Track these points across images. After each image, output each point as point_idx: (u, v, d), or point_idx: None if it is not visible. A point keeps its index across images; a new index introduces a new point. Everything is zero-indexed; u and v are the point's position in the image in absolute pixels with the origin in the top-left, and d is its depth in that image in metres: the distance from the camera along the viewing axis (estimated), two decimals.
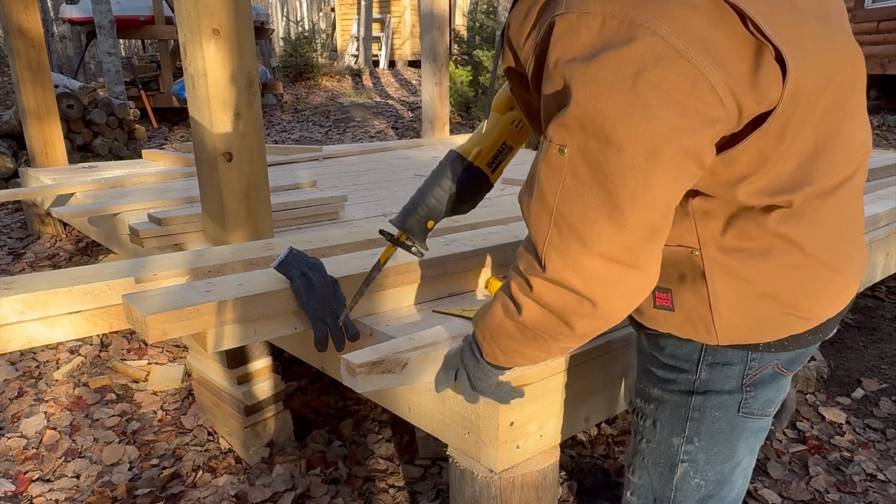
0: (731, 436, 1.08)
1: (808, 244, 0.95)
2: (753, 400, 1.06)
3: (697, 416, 1.08)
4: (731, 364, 1.04)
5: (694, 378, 1.07)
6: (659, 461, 1.14)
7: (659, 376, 1.11)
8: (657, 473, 1.15)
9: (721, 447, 1.09)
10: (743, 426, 1.08)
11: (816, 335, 1.05)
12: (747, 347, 1.02)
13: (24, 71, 4.24)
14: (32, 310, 1.54)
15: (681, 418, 1.09)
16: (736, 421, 1.07)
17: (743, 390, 1.05)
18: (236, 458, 2.31)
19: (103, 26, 7.86)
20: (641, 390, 1.16)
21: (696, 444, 1.09)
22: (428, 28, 5.66)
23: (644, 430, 1.15)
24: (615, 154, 0.79)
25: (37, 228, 4.54)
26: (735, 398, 1.06)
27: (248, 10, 2.05)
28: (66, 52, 14.93)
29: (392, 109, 10.41)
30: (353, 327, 1.57)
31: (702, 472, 1.11)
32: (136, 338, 3.17)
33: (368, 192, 3.58)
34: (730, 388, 1.05)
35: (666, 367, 1.10)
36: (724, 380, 1.05)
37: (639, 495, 1.20)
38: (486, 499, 1.42)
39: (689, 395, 1.07)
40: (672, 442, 1.11)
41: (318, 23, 20.01)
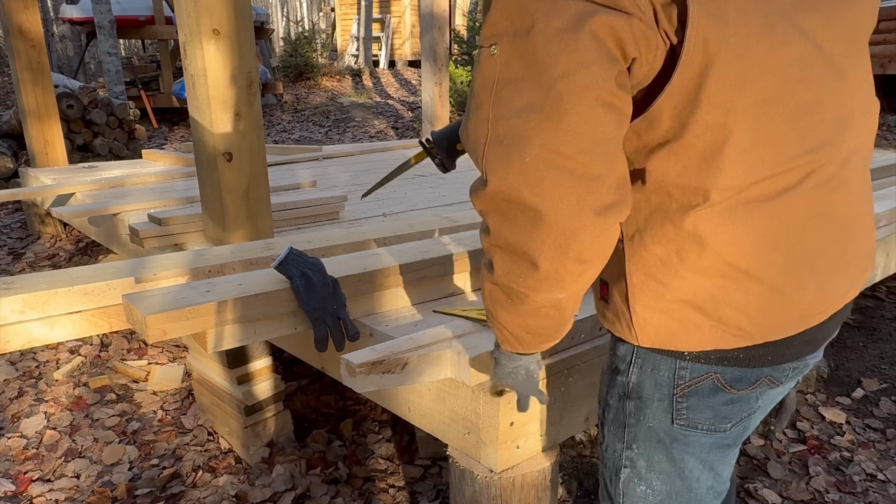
0: (670, 447, 1.01)
1: (730, 252, 0.87)
2: (690, 412, 0.98)
3: (633, 422, 1.03)
4: (658, 369, 0.98)
5: (627, 381, 1.02)
6: (608, 464, 1.11)
7: (606, 378, 1.08)
8: (608, 477, 1.12)
9: (661, 457, 1.03)
10: (685, 439, 1.00)
11: (765, 357, 0.95)
12: (673, 354, 0.96)
13: (24, 71, 4.24)
14: (32, 310, 1.54)
15: (620, 423, 1.05)
16: (674, 432, 1.00)
17: (674, 400, 0.98)
18: (236, 458, 2.31)
19: (103, 26, 7.86)
20: (600, 385, 1.12)
21: (636, 450, 1.04)
22: (428, 28, 5.66)
23: (600, 431, 1.13)
24: (541, 33, 0.77)
25: (37, 228, 4.54)
26: (665, 407, 0.99)
27: (248, 10, 2.05)
28: (66, 52, 14.93)
29: (392, 109, 10.41)
30: (353, 327, 1.57)
31: (645, 479, 1.05)
32: (136, 338, 3.17)
33: None
34: (660, 396, 0.99)
35: (610, 368, 1.07)
36: (654, 386, 0.99)
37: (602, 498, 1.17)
38: (486, 499, 1.42)
39: (625, 399, 1.03)
40: (616, 446, 1.07)
41: (318, 23, 20.01)
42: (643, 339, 0.96)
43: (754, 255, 0.88)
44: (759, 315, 0.90)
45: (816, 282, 0.92)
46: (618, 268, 0.96)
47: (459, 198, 3.38)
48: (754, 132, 0.83)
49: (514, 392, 1.29)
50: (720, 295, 0.90)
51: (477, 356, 1.29)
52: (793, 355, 0.97)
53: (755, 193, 0.86)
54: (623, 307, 0.97)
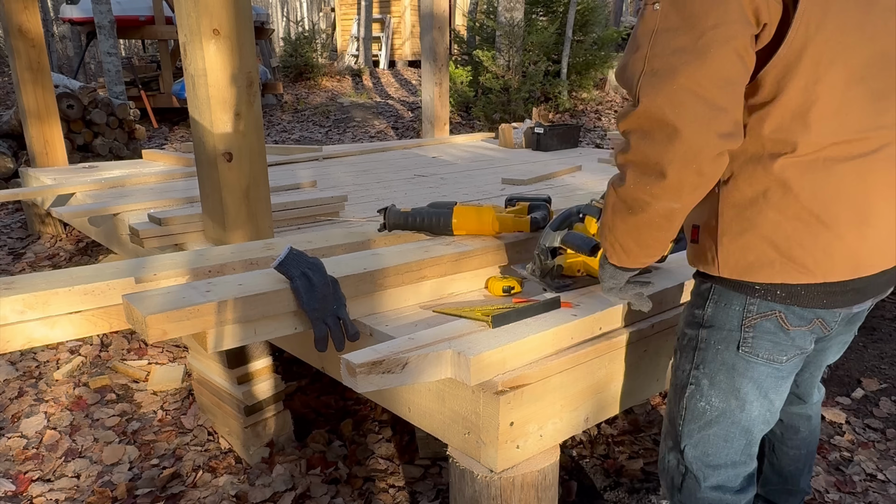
0: (732, 371, 1.24)
1: (807, 198, 1.07)
2: (754, 342, 1.20)
3: (703, 347, 1.27)
4: (731, 304, 1.21)
5: (703, 313, 1.26)
6: (676, 384, 1.35)
7: (686, 312, 1.33)
8: (674, 395, 1.36)
9: (722, 378, 1.26)
10: (746, 365, 1.23)
11: (821, 299, 1.14)
12: (745, 290, 1.17)
13: (24, 71, 4.24)
14: (33, 310, 1.54)
15: (692, 347, 1.29)
16: (737, 359, 1.23)
17: (742, 330, 1.21)
18: (236, 457, 2.31)
19: (103, 26, 7.86)
20: (679, 322, 1.37)
21: (701, 370, 1.28)
22: (428, 28, 5.66)
23: (674, 356, 1.38)
24: None
25: (37, 228, 4.54)
26: (734, 336, 1.22)
27: (248, 10, 2.05)
28: (66, 52, 14.93)
29: (392, 109, 10.41)
30: (353, 327, 1.57)
31: (705, 396, 1.29)
32: (137, 338, 3.17)
33: (368, 192, 3.58)
34: (730, 326, 1.22)
35: (691, 304, 1.31)
36: (726, 318, 1.22)
37: (667, 414, 1.42)
38: (486, 499, 1.43)
39: (699, 328, 1.27)
40: (685, 367, 1.32)
41: (318, 23, 20.00)
42: (724, 269, 1.17)
43: (827, 205, 1.08)
44: (822, 257, 1.10)
45: (875, 239, 1.11)
46: (711, 208, 1.17)
47: (460, 198, 3.38)
48: (838, 102, 1.04)
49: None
50: (794, 235, 1.10)
51: (477, 356, 1.29)
52: (844, 301, 1.16)
53: (834, 153, 1.06)
54: (710, 243, 1.19)
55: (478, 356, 1.29)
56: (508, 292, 1.85)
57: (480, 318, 1.47)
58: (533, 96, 8.72)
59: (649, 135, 1.05)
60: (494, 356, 1.33)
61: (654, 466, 2.22)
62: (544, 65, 8.87)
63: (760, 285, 1.15)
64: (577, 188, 3.69)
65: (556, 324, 1.45)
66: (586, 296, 1.63)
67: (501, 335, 1.39)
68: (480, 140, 6.03)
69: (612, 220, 1.20)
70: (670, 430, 1.39)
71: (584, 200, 2.17)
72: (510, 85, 8.34)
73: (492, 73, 8.51)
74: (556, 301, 1.54)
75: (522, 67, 8.66)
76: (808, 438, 1.62)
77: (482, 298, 1.87)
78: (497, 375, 1.34)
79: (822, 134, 1.05)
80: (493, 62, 8.52)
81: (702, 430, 1.32)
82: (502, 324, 1.44)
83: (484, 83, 8.60)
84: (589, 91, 9.93)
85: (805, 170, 1.07)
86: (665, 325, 1.70)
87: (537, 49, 8.81)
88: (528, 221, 2.00)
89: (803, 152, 1.06)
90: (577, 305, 1.56)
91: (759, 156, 1.09)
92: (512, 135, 5.51)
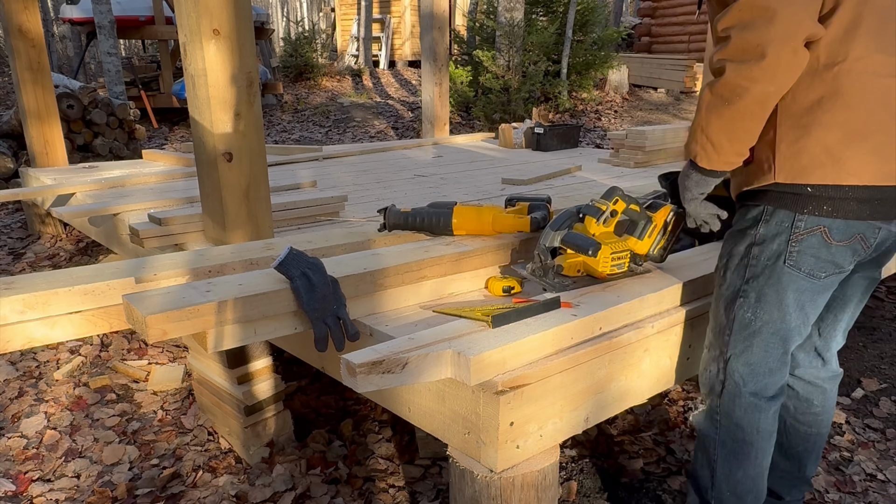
0: (778, 283, 1.40)
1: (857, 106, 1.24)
2: (798, 256, 1.36)
3: (754, 263, 1.42)
4: (781, 222, 1.36)
5: (755, 233, 1.41)
6: (725, 298, 1.51)
7: (734, 235, 1.47)
8: (723, 308, 1.52)
9: (768, 290, 1.42)
10: (790, 278, 1.39)
11: (867, 208, 1.29)
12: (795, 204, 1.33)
13: (24, 71, 4.24)
14: (33, 310, 1.54)
15: (743, 265, 1.45)
16: (783, 272, 1.39)
17: (789, 245, 1.36)
18: (236, 457, 2.31)
19: (103, 26, 7.86)
20: (722, 253, 1.53)
21: (751, 284, 1.44)
22: (428, 28, 5.66)
23: (719, 280, 1.53)
24: None
25: (37, 228, 4.54)
26: (781, 251, 1.38)
27: (248, 10, 2.05)
28: (67, 52, 14.93)
29: (392, 109, 10.41)
30: (353, 327, 1.57)
31: (752, 307, 1.45)
32: (137, 338, 3.17)
33: (368, 192, 3.58)
34: (779, 241, 1.37)
35: (740, 228, 1.46)
36: (776, 235, 1.38)
37: (711, 328, 1.58)
38: (486, 499, 1.43)
39: (751, 247, 1.43)
40: (735, 283, 1.47)
41: (318, 23, 20.00)
42: (780, 174, 1.32)
43: (873, 113, 1.25)
44: (868, 160, 1.26)
45: None
46: (768, 126, 1.32)
47: (460, 198, 3.38)
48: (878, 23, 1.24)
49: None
50: (843, 139, 1.26)
51: (477, 356, 1.29)
52: (883, 213, 1.31)
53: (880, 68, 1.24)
54: (768, 153, 1.34)
55: (478, 356, 1.29)
56: (508, 292, 1.85)
57: (480, 318, 1.47)
58: (533, 96, 8.72)
59: (749, 24, 1.19)
60: (494, 356, 1.33)
61: (654, 466, 2.22)
62: (544, 65, 8.87)
63: (813, 187, 1.29)
64: (576, 188, 3.69)
65: (556, 324, 1.45)
66: (586, 296, 1.63)
67: (501, 335, 1.39)
68: (480, 140, 6.03)
69: (707, 117, 1.32)
70: (715, 341, 1.56)
71: (584, 200, 2.17)
72: (510, 85, 8.34)
73: (492, 73, 8.51)
74: (556, 301, 1.54)
75: (522, 67, 8.66)
76: (820, 416, 1.71)
77: (482, 298, 1.87)
78: (497, 375, 1.34)
79: (868, 48, 1.23)
80: (493, 62, 8.52)
81: (746, 339, 1.48)
82: (502, 324, 1.44)
83: (484, 83, 8.60)
84: (589, 91, 9.93)
85: (855, 79, 1.24)
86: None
87: (537, 49, 8.81)
88: (528, 221, 2.00)
89: (852, 62, 1.23)
90: (577, 305, 1.56)
91: (815, 67, 1.26)
92: (512, 135, 5.51)
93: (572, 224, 1.72)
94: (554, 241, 1.70)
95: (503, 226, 2.02)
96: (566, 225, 1.72)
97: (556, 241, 1.70)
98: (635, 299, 1.63)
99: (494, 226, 2.01)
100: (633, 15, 16.82)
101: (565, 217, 1.74)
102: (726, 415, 1.55)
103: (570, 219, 1.73)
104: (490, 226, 2.01)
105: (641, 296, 1.65)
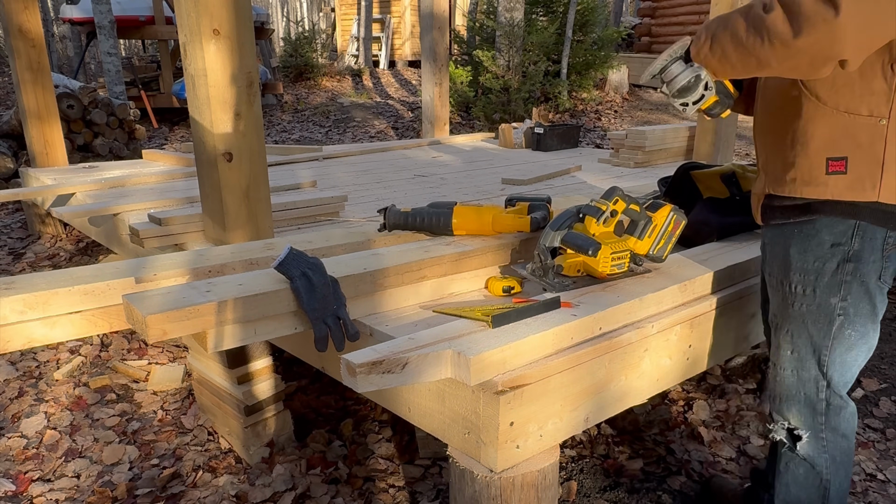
0: (871, 297, 1.41)
1: None
2: (886, 271, 1.39)
3: (850, 279, 1.40)
4: (875, 238, 1.36)
5: (848, 249, 1.38)
6: (819, 319, 1.45)
7: (818, 253, 1.41)
8: (817, 329, 1.46)
9: (865, 305, 1.41)
10: (881, 291, 1.41)
11: None
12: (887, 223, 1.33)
13: (24, 71, 4.24)
14: (33, 310, 1.54)
15: (837, 282, 1.41)
16: (874, 285, 1.40)
17: (882, 260, 1.38)
18: (236, 457, 2.31)
19: (103, 26, 7.86)
20: (798, 267, 1.45)
21: (849, 301, 1.41)
22: (428, 28, 5.66)
23: (802, 298, 1.46)
24: None
25: (37, 228, 4.54)
26: (876, 266, 1.38)
27: (248, 10, 2.05)
28: (67, 52, 14.92)
29: (392, 109, 10.41)
30: (353, 327, 1.57)
31: (852, 324, 1.43)
32: (137, 338, 3.17)
33: (368, 192, 3.58)
34: (874, 257, 1.37)
35: (824, 244, 1.40)
36: (871, 250, 1.37)
37: (797, 351, 1.50)
38: (486, 499, 1.43)
39: (844, 263, 1.39)
40: (830, 302, 1.43)
41: (319, 23, 20.00)
42: (884, 193, 1.31)
43: None
44: None
45: None
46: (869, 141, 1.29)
47: (460, 198, 3.38)
48: None
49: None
50: None
51: (477, 356, 1.29)
52: None
53: None
54: (873, 170, 1.30)
55: (478, 356, 1.29)
56: (508, 292, 1.85)
57: (480, 318, 1.47)
58: (533, 96, 8.72)
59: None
60: (494, 356, 1.33)
61: (654, 466, 2.22)
62: (544, 65, 8.87)
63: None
64: (577, 188, 3.69)
65: (556, 324, 1.45)
66: (586, 296, 1.63)
67: (501, 335, 1.39)
68: (480, 140, 6.03)
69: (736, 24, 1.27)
70: (807, 363, 1.50)
71: (584, 200, 2.17)
72: (510, 85, 8.34)
73: (492, 73, 8.51)
74: (556, 301, 1.54)
75: (522, 67, 8.66)
76: None
77: (482, 298, 1.87)
78: (497, 375, 1.34)
79: None
80: (493, 62, 8.52)
81: (844, 354, 1.46)
82: (502, 324, 1.44)
83: (484, 83, 8.60)
84: (589, 91, 9.93)
85: None
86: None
87: (537, 49, 8.81)
88: (528, 221, 2.00)
89: None
90: (577, 305, 1.56)
91: None
92: (512, 135, 5.51)
93: (572, 224, 1.72)
94: (554, 241, 1.70)
95: (503, 226, 2.02)
96: (566, 225, 1.72)
97: (556, 241, 1.70)
98: (635, 299, 1.63)
99: (494, 226, 2.01)
100: (633, 15, 16.82)
101: (565, 217, 1.74)
102: (832, 430, 1.52)
103: (570, 219, 1.73)
104: (490, 226, 2.01)
105: (641, 296, 1.65)
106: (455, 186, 3.76)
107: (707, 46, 1.36)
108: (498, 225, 2.01)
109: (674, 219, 1.74)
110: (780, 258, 1.49)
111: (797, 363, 1.51)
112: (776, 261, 1.51)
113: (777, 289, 1.52)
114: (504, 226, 2.01)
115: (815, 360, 1.49)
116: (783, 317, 1.52)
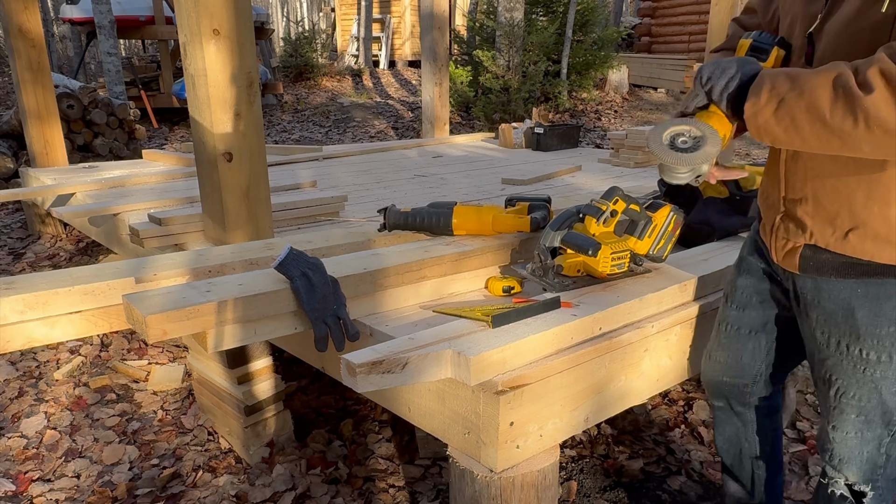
0: None
1: None
2: None
3: None
4: None
5: None
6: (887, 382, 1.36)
7: (892, 317, 1.31)
8: (891, 395, 1.37)
9: None
10: None
11: None
12: None
13: (24, 71, 4.24)
14: (33, 310, 1.54)
15: None
16: None
17: None
18: (236, 457, 2.31)
19: (103, 26, 7.86)
20: (871, 333, 1.34)
21: None
22: (428, 28, 5.66)
23: (877, 365, 1.36)
24: None
25: (37, 228, 4.54)
26: None
27: (248, 10, 2.05)
28: (67, 52, 14.93)
29: (392, 109, 10.41)
30: (352, 327, 1.57)
31: None
32: (137, 338, 3.17)
33: (368, 192, 3.58)
34: None
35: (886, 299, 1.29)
36: None
37: (864, 415, 1.41)
38: (486, 499, 1.43)
39: None
40: None
41: (319, 23, 20.01)
42: None
43: None
44: None
45: None
46: None
47: (460, 198, 3.38)
48: None
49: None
50: None
51: (477, 356, 1.29)
52: None
53: None
54: None
55: (478, 356, 1.29)
56: (508, 292, 1.85)
57: (480, 318, 1.47)
58: (533, 96, 8.72)
59: None
60: (494, 356, 1.33)
61: (654, 466, 2.22)
62: (544, 65, 8.87)
63: None
64: (577, 188, 3.69)
65: (556, 324, 1.45)
66: (586, 296, 1.63)
67: (501, 335, 1.39)
68: (480, 140, 6.03)
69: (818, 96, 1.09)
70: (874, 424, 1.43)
71: (584, 200, 2.17)
72: (510, 85, 8.34)
73: (492, 73, 8.51)
74: (556, 301, 1.54)
75: (522, 67, 8.67)
76: None
77: (482, 298, 1.87)
78: (497, 375, 1.34)
79: None
80: (493, 62, 8.52)
81: None
82: (502, 324, 1.44)
83: (484, 83, 8.60)
84: (589, 91, 9.94)
85: None
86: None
87: (537, 49, 8.81)
88: (528, 221, 2.00)
89: None
90: (577, 305, 1.56)
91: None
92: (512, 135, 5.51)
93: (572, 224, 1.72)
94: (554, 241, 1.70)
95: (503, 226, 2.02)
96: (566, 225, 1.72)
97: (556, 241, 1.70)
98: (635, 299, 1.63)
99: (494, 226, 2.01)
100: (633, 15, 16.82)
101: (565, 217, 1.74)
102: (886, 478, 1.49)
103: (570, 219, 1.73)
104: (490, 226, 2.01)
105: (641, 296, 1.65)
106: (455, 186, 3.76)
107: (770, 110, 1.16)
108: (498, 225, 2.01)
109: (674, 219, 1.74)
110: (842, 321, 1.38)
111: (863, 426, 1.43)
112: (833, 322, 1.40)
113: (837, 349, 1.42)
114: (504, 226, 2.02)
115: (883, 422, 1.41)
116: (850, 382, 1.41)
